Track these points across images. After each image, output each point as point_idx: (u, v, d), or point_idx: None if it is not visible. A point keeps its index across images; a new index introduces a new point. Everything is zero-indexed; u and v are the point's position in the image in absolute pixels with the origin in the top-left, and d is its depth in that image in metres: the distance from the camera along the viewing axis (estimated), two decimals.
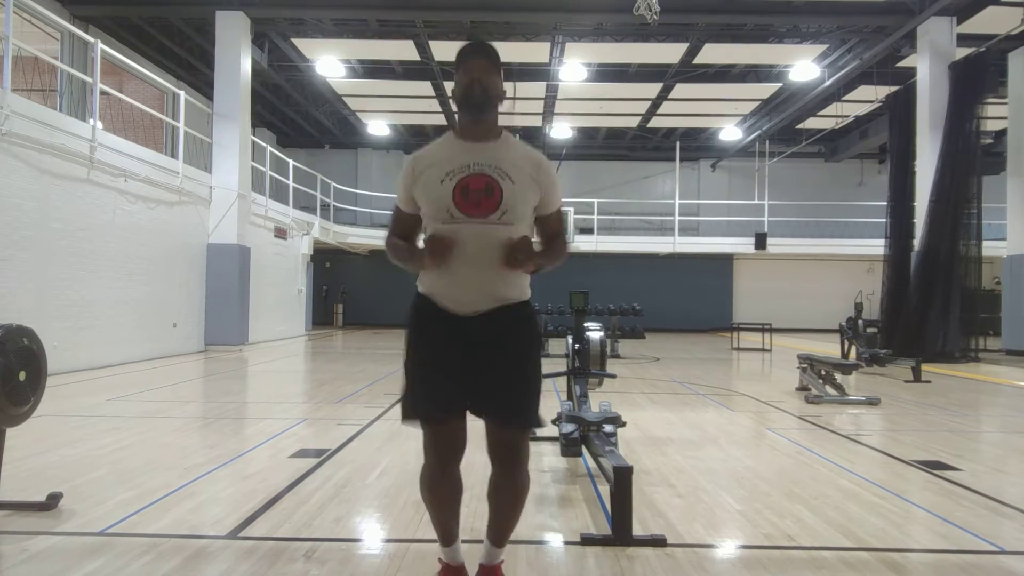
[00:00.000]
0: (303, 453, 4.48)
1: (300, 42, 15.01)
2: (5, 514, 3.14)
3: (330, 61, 15.88)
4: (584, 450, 3.96)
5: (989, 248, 13.41)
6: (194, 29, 14.09)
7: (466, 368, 2.27)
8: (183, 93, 12.16)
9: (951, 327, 12.29)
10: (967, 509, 3.45)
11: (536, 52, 15.33)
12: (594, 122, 21.16)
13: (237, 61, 12.82)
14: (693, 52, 15.08)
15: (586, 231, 21.15)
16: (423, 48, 15.11)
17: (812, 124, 19.72)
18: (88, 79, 9.89)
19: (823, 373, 7.40)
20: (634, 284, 21.75)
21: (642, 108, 19.36)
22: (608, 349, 7.06)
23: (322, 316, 21.98)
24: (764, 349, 14.72)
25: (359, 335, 18.53)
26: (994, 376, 10.12)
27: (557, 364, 6.43)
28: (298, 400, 7.25)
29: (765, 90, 17.67)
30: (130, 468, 4.04)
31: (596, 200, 21.24)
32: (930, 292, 12.41)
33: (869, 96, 16.01)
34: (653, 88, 17.52)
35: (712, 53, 15.17)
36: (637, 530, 2.95)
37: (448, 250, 2.18)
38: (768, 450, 4.88)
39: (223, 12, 12.69)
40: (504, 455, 2.34)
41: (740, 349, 15.16)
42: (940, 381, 9.21)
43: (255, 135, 15.42)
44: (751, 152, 21.72)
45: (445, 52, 14.99)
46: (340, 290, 23.00)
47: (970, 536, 3.05)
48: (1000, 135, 16.20)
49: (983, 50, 12.35)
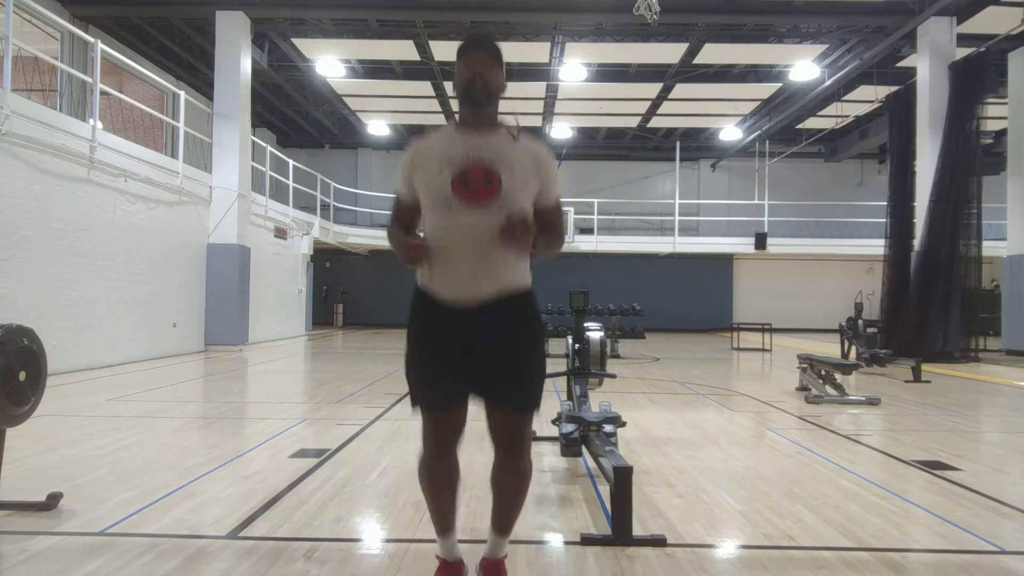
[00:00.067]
0: (303, 453, 4.48)
1: (300, 42, 15.01)
2: (5, 514, 3.14)
3: (330, 61, 15.88)
4: (584, 450, 3.96)
5: (989, 248, 13.40)
6: (194, 29, 14.09)
7: (467, 361, 2.27)
8: (183, 93, 12.16)
9: (951, 327, 12.28)
10: (967, 509, 3.45)
11: (536, 52, 15.33)
12: (594, 122, 21.16)
13: (237, 61, 12.82)
14: (693, 52, 15.07)
15: (586, 231, 21.15)
16: (423, 48, 15.11)
17: (812, 124, 19.72)
18: (88, 79, 9.89)
19: (823, 373, 7.40)
20: (634, 284, 21.75)
21: (642, 108, 19.36)
22: (608, 349, 7.07)
23: (322, 316, 21.98)
24: (764, 349, 14.72)
25: (359, 335, 18.53)
26: (994, 376, 10.12)
27: (557, 364, 6.42)
28: (298, 400, 7.25)
29: (765, 90, 17.67)
30: (130, 468, 4.04)
31: (596, 200, 21.24)
32: (930, 292, 12.41)
33: (869, 96, 16.01)
34: (653, 88, 17.52)
35: (712, 53, 15.16)
36: (637, 530, 2.95)
37: (420, 258, 2.23)
38: (768, 450, 4.88)
39: (223, 12, 12.70)
40: (507, 440, 2.34)
41: (740, 349, 15.16)
42: (940, 381, 9.21)
43: (255, 135, 15.42)
44: (751, 152, 21.72)
45: (445, 52, 14.99)
46: (340, 290, 23.00)
47: (970, 536, 3.05)
48: (1000, 135, 16.20)
49: (983, 50, 12.35)
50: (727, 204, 23.06)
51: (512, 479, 2.37)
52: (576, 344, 5.00)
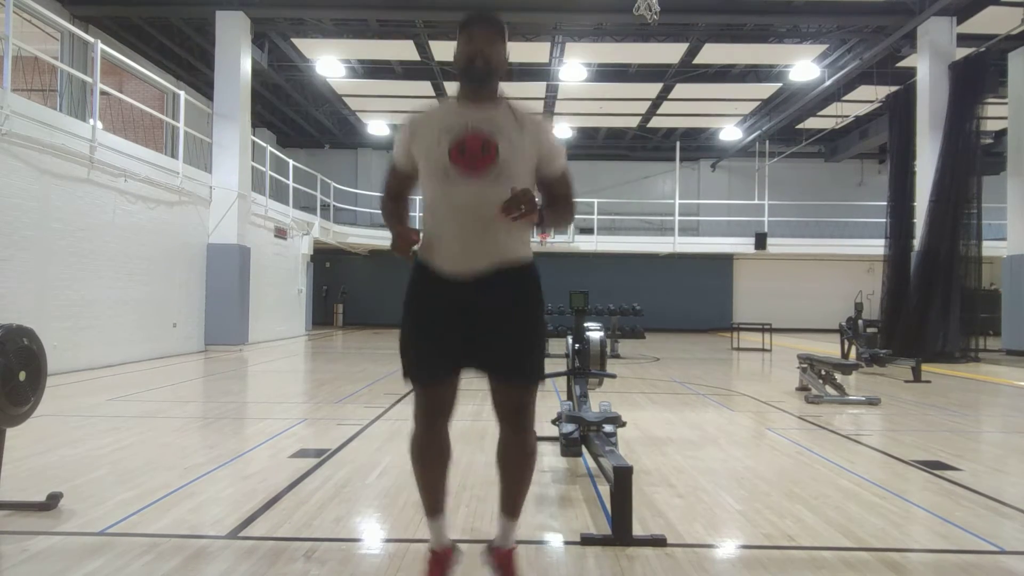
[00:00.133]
0: (303, 453, 4.48)
1: (300, 42, 15.01)
2: (5, 514, 3.14)
3: (330, 61, 15.88)
4: (584, 450, 3.96)
5: (989, 248, 13.40)
6: (194, 29, 14.09)
7: (464, 334, 2.26)
8: (183, 93, 12.16)
9: (951, 327, 12.28)
10: (967, 509, 3.45)
11: (536, 52, 15.34)
12: (594, 122, 21.16)
13: (237, 61, 12.82)
14: (693, 52, 15.08)
15: (586, 231, 21.15)
16: (423, 48, 15.11)
17: (812, 124, 19.72)
18: (88, 79, 9.89)
19: (823, 373, 7.40)
20: (634, 284, 21.74)
21: (642, 108, 19.36)
22: (608, 349, 7.07)
23: (322, 316, 21.98)
24: (764, 349, 14.72)
25: (359, 335, 18.53)
26: (994, 376, 10.12)
27: (557, 364, 6.42)
28: (298, 400, 7.25)
29: (765, 90, 17.67)
30: (130, 468, 4.04)
31: (596, 200, 21.22)
32: (930, 292, 12.41)
33: (869, 96, 16.01)
34: (653, 88, 17.52)
35: (712, 53, 15.17)
36: (637, 530, 2.94)
37: (405, 251, 2.25)
38: (768, 450, 4.88)
39: (223, 12, 12.69)
40: (511, 413, 2.32)
41: (740, 349, 15.16)
42: (940, 381, 9.21)
43: (255, 135, 15.42)
44: (751, 152, 21.72)
45: (445, 52, 14.99)
46: (340, 290, 23.00)
47: (970, 536, 3.05)
48: (1000, 135, 16.20)
49: (983, 50, 12.35)
50: (727, 204, 23.06)
51: (518, 454, 2.35)
52: (576, 344, 5.00)
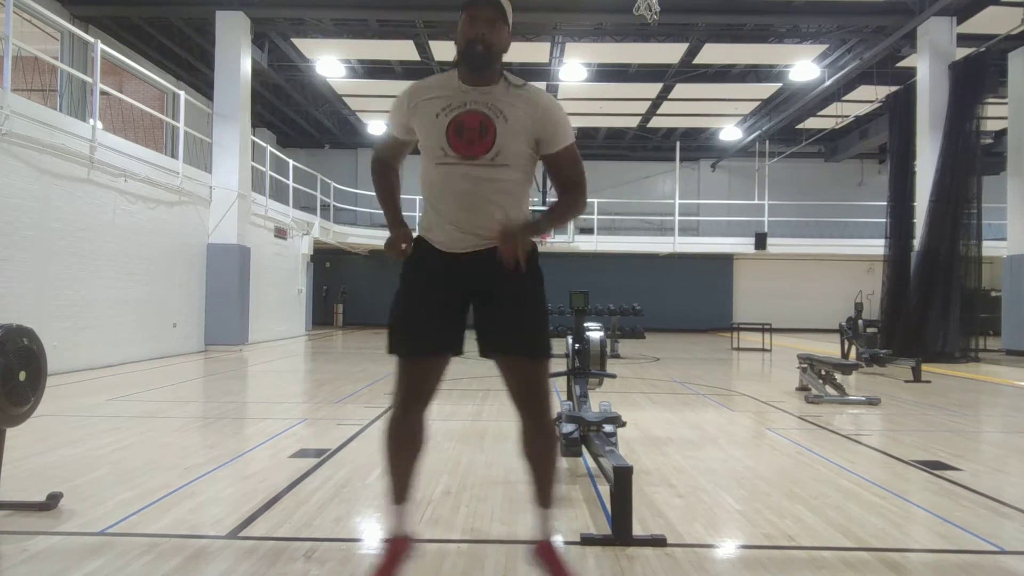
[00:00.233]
0: (303, 453, 4.48)
1: (300, 42, 15.01)
2: (5, 514, 3.14)
3: (330, 61, 15.88)
4: (584, 450, 3.96)
5: (989, 248, 13.40)
6: (194, 29, 14.09)
7: (458, 313, 2.29)
8: (183, 93, 12.16)
9: (951, 327, 12.28)
10: (967, 509, 3.45)
11: (536, 52, 15.34)
12: (594, 122, 21.15)
13: (237, 61, 12.82)
14: (693, 52, 15.07)
15: (586, 231, 21.15)
16: (423, 48, 15.11)
17: (812, 124, 19.72)
18: (88, 79, 9.89)
19: (823, 373, 7.40)
20: (634, 284, 21.75)
21: (642, 108, 19.36)
22: (608, 349, 7.06)
23: (322, 316, 21.99)
24: (764, 349, 14.72)
25: (359, 335, 18.53)
26: (994, 376, 10.12)
27: (557, 364, 6.41)
28: (298, 400, 7.25)
29: (765, 90, 17.67)
30: (130, 468, 4.04)
31: (596, 200, 21.22)
32: (930, 292, 12.41)
33: (869, 96, 16.01)
34: (653, 88, 17.52)
35: (712, 53, 15.16)
36: (637, 530, 2.94)
37: (394, 255, 2.30)
38: (768, 450, 4.88)
39: (223, 12, 12.69)
40: (524, 394, 2.32)
41: (740, 349, 15.16)
42: (940, 381, 9.21)
43: (255, 135, 15.42)
44: (751, 152, 21.72)
45: (445, 52, 14.98)
46: (340, 290, 23.01)
47: (970, 536, 3.05)
48: (1000, 135, 16.19)
49: (983, 50, 12.35)
50: (727, 204, 23.07)
51: (540, 442, 2.35)
52: (576, 344, 5.00)
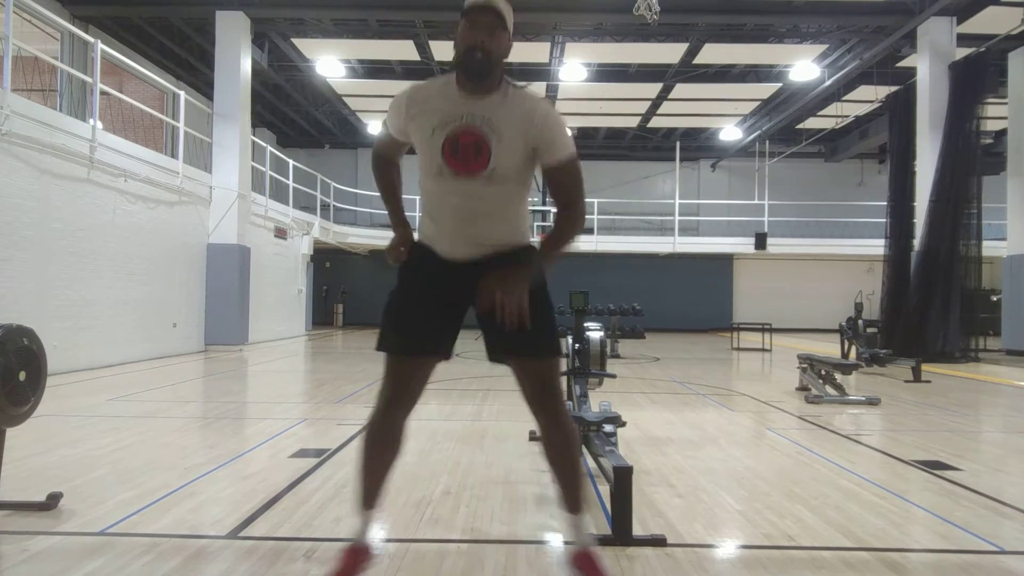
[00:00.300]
0: (303, 453, 4.48)
1: (300, 42, 15.01)
2: (5, 514, 3.14)
3: (330, 61, 15.88)
4: (584, 450, 3.96)
5: (989, 248, 13.40)
6: (194, 29, 14.09)
7: (456, 311, 2.31)
8: (183, 93, 12.16)
9: (951, 327, 12.28)
10: (967, 509, 3.45)
11: (536, 52, 15.33)
12: (594, 122, 21.15)
13: (237, 61, 12.82)
14: (693, 52, 15.07)
15: (586, 231, 21.15)
16: (423, 48, 15.11)
17: (812, 124, 19.72)
18: (88, 79, 9.89)
19: (823, 373, 7.40)
20: (634, 284, 21.75)
21: (642, 108, 19.36)
22: (608, 349, 7.06)
23: (322, 316, 21.99)
24: (764, 349, 14.72)
25: (359, 335, 18.53)
26: (994, 376, 10.12)
27: None
28: (298, 400, 7.25)
29: (765, 90, 17.67)
30: (130, 468, 4.04)
31: (596, 200, 21.23)
32: (930, 292, 12.41)
33: (869, 96, 16.01)
34: (653, 88, 17.52)
35: (712, 53, 15.16)
36: (637, 530, 2.94)
37: (394, 260, 2.35)
38: (768, 450, 4.88)
39: (223, 12, 12.69)
40: (539, 395, 2.31)
41: (740, 349, 15.16)
42: (940, 381, 9.21)
43: (255, 135, 15.42)
44: (751, 152, 21.72)
45: (445, 52, 14.98)
46: (340, 290, 23.01)
47: (970, 536, 3.05)
48: (1000, 135, 16.19)
49: (983, 50, 12.35)
50: (727, 204, 23.07)
51: (559, 443, 2.32)
52: (576, 344, 5.00)
